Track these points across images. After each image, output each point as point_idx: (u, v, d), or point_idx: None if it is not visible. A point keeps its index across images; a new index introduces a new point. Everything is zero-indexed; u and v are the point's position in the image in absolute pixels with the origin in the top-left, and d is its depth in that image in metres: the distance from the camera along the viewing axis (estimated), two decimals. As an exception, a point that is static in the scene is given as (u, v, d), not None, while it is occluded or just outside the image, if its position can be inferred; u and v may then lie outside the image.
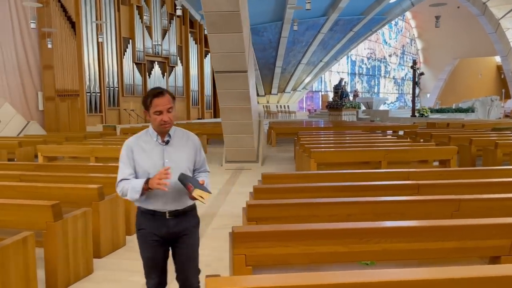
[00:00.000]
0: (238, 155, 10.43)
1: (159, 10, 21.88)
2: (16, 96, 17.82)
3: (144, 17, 20.91)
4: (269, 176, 5.10)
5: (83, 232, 3.68)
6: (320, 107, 33.54)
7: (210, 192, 2.40)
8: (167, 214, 2.55)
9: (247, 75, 8.77)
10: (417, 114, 22.55)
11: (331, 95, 27.76)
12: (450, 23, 33.76)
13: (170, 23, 22.68)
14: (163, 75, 22.28)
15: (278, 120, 24.74)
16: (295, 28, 19.98)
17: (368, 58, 40.38)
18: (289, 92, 29.96)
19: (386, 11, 26.54)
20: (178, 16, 19.16)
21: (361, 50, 38.62)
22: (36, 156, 9.54)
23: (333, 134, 12.62)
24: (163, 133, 2.56)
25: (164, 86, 22.19)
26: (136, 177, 2.53)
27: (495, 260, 2.77)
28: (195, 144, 2.70)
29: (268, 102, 29.81)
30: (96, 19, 18.48)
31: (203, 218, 6.09)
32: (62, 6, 18.38)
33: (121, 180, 2.55)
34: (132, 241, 4.93)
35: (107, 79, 19.05)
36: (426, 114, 22.30)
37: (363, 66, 39.89)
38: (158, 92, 2.48)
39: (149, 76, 21.36)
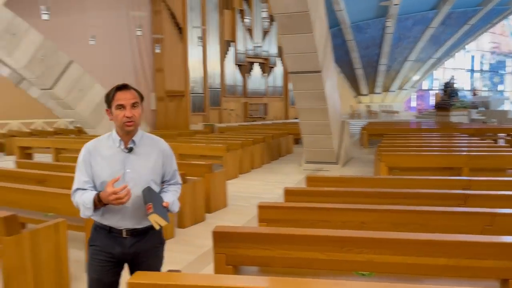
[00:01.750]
0: (317, 156, 10.34)
1: (260, 12, 22.54)
2: (132, 97, 19.91)
3: (246, 20, 21.73)
4: (314, 178, 5.05)
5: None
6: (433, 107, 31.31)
7: (167, 221, 2.08)
8: (124, 233, 2.21)
9: (321, 75, 8.67)
10: (543, 116, 19.79)
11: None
12: None
13: (271, 24, 23.21)
14: (263, 76, 22.91)
15: (378, 120, 23.71)
16: (388, 24, 18.95)
17: (492, 53, 36.42)
18: (395, 91, 28.48)
19: (510, 0, 23.68)
20: (264, 18, 19.46)
21: (482, 44, 34.98)
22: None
23: (426, 136, 11.75)
24: (127, 135, 2.21)
25: (263, 86, 22.87)
26: (95, 189, 2.20)
27: (504, 283, 2.44)
28: (164, 152, 2.33)
29: (371, 101, 28.75)
30: (201, 24, 19.77)
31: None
32: (171, 13, 20.05)
33: (76, 189, 2.20)
34: (181, 234, 5.30)
35: (209, 80, 20.26)
36: (554, 116, 19.43)
37: (485, 61, 36.08)
38: (122, 85, 2.20)
39: (249, 77, 22.15)
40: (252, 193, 7.60)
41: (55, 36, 13.81)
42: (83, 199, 2.13)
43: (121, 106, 2.15)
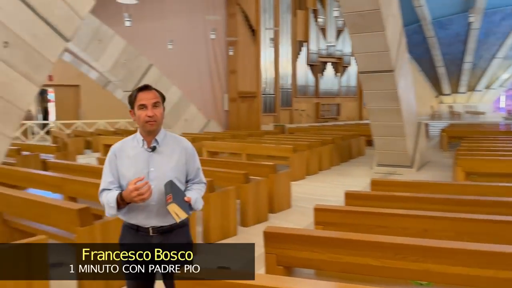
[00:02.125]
0: (390, 159, 9.95)
1: (333, 11, 22.19)
2: (207, 98, 20.67)
3: (319, 19, 21.52)
4: (379, 182, 4.87)
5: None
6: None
7: (188, 214, 2.13)
8: (151, 231, 2.26)
9: (394, 75, 8.34)
10: None
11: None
12: None
13: (345, 23, 22.73)
14: (336, 75, 22.52)
15: (461, 122, 22.20)
16: (472, 20, 17.63)
17: None
18: (481, 91, 26.47)
19: None
20: (337, 16, 19.06)
21: None
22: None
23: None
24: (149, 135, 2.27)
25: (336, 86, 22.47)
26: (121, 189, 2.26)
27: None
28: (187, 151, 2.35)
29: (454, 101, 27.01)
30: (274, 26, 19.93)
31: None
32: (245, 16, 20.44)
33: (102, 190, 2.29)
34: (243, 232, 5.40)
35: (281, 81, 20.36)
36: None
37: None
38: (143, 86, 2.27)
39: (321, 77, 21.90)
40: (318, 195, 7.52)
41: (137, 41, 14.74)
42: (108, 199, 2.20)
43: (143, 106, 2.21)
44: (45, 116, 22.49)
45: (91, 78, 18.76)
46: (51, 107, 21.91)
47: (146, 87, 2.25)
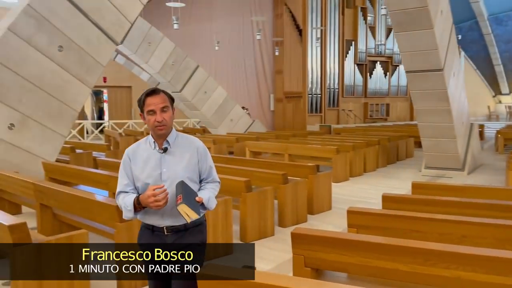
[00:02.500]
0: (439, 161, 9.56)
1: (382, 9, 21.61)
2: (253, 98, 20.88)
3: (368, 18, 21.07)
4: (420, 185, 4.71)
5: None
6: None
7: (199, 215, 2.16)
8: (165, 230, 2.32)
9: (443, 74, 8.02)
10: None
11: None
12: None
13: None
14: (385, 75, 21.93)
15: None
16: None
17: None
18: (544, 89, 24.85)
19: None
20: (386, 14, 18.43)
21: None
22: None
23: None
24: (160, 138, 2.31)
25: (385, 85, 21.87)
26: (138, 191, 2.33)
27: None
28: (198, 151, 2.39)
29: (514, 101, 25.52)
30: (321, 25, 19.74)
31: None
32: (292, 16, 20.41)
33: (119, 193, 2.35)
34: (281, 233, 5.40)
35: (328, 81, 20.12)
36: None
37: None
38: (151, 90, 2.28)
39: (370, 77, 21.41)
40: (360, 197, 7.37)
41: (184, 43, 15.14)
42: (125, 202, 2.26)
43: (151, 111, 2.23)
44: (101, 115, 23.63)
45: (143, 80, 19.46)
46: (106, 107, 22.98)
47: (153, 91, 2.26)
